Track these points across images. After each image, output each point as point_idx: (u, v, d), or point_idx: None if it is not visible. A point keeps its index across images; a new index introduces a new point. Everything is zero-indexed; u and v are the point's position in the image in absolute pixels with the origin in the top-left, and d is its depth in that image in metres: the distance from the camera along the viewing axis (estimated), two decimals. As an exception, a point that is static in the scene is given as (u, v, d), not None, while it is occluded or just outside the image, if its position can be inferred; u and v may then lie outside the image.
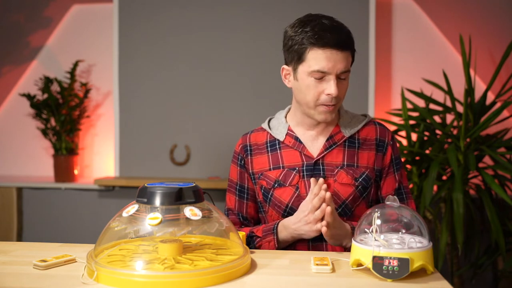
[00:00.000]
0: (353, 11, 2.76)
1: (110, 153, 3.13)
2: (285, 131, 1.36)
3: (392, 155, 1.35)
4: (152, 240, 1.07)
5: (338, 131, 1.34)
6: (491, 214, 2.09)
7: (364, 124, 1.36)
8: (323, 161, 1.31)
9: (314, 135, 1.34)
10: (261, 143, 1.39)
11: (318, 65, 1.20)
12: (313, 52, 1.21)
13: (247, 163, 1.39)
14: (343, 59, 1.21)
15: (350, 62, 1.24)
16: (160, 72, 2.93)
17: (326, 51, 1.19)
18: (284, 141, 1.35)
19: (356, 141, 1.34)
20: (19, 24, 2.90)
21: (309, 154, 1.32)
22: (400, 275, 0.90)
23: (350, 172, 1.29)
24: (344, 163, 1.31)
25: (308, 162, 1.31)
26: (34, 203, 3.03)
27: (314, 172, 1.30)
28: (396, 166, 1.35)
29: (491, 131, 2.60)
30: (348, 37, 1.22)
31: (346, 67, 1.22)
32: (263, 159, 1.36)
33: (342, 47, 1.20)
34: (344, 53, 1.21)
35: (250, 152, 1.39)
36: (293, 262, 1.05)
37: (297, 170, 1.31)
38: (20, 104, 3.18)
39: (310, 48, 1.21)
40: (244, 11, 2.87)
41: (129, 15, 2.94)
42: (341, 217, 1.27)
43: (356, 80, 2.75)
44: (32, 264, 0.99)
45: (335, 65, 1.20)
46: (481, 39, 2.59)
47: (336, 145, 1.32)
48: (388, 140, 1.35)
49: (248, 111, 2.86)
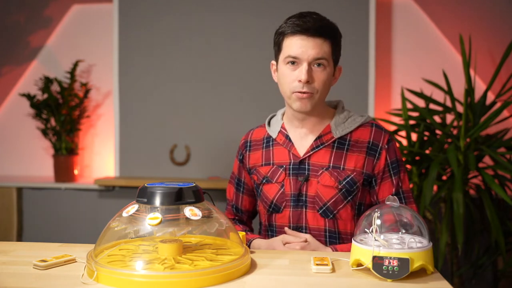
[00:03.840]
0: (353, 11, 2.76)
1: (110, 153, 3.13)
2: (278, 128, 1.39)
3: (388, 160, 1.31)
4: (152, 240, 1.07)
5: (328, 131, 1.33)
6: (491, 214, 2.09)
7: (359, 126, 1.33)
8: (309, 161, 1.31)
9: (303, 134, 1.34)
10: (259, 139, 1.43)
11: (290, 51, 1.23)
12: (286, 39, 1.25)
13: (245, 158, 1.44)
14: (315, 46, 1.21)
15: (327, 51, 1.23)
16: (160, 72, 2.93)
17: (296, 37, 1.23)
18: (276, 138, 1.38)
19: (346, 143, 1.32)
20: (19, 24, 2.90)
21: (296, 153, 1.33)
22: (400, 275, 0.90)
23: (334, 174, 1.28)
24: (330, 165, 1.30)
25: (294, 161, 1.33)
26: (34, 203, 3.02)
27: (299, 171, 1.32)
28: (393, 170, 1.32)
29: (491, 131, 2.60)
30: (324, 25, 1.23)
31: (319, 54, 1.22)
32: (258, 155, 1.40)
33: (313, 33, 1.21)
34: (316, 40, 1.21)
35: (249, 148, 1.44)
36: (293, 262, 1.05)
37: (284, 167, 1.33)
38: (20, 104, 3.18)
39: (285, 36, 1.25)
40: (244, 11, 2.87)
41: (129, 15, 2.94)
42: (323, 218, 1.30)
43: (356, 80, 2.75)
44: (32, 264, 0.99)
45: (306, 51, 1.21)
46: (481, 39, 2.59)
47: (323, 145, 1.32)
48: (383, 144, 1.31)
49: (248, 111, 2.86)
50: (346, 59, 2.40)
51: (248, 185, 1.46)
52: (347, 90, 2.73)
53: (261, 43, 2.84)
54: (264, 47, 2.84)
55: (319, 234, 1.30)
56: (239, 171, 1.47)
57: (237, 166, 1.47)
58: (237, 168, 1.47)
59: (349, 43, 2.79)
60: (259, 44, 2.85)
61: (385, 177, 1.32)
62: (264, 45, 2.84)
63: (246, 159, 1.43)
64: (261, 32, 2.85)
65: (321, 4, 2.76)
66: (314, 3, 2.73)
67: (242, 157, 1.45)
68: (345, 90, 2.69)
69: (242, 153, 1.45)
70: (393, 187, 1.32)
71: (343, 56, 1.38)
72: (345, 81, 2.63)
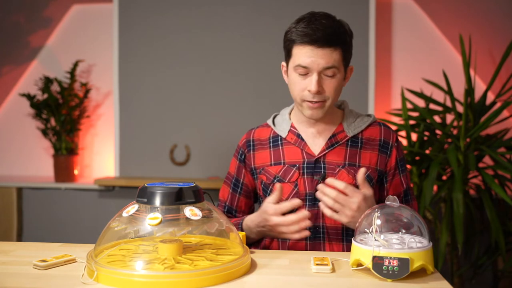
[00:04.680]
0: (353, 11, 2.76)
1: (110, 153, 3.13)
2: (288, 127, 1.37)
3: (397, 158, 1.34)
4: (152, 240, 1.07)
5: (341, 130, 1.33)
6: (491, 214, 2.09)
7: (369, 124, 1.35)
8: (324, 160, 1.31)
9: (315, 133, 1.34)
10: (264, 138, 1.40)
11: (299, 60, 1.22)
12: (296, 48, 1.23)
13: (248, 158, 1.40)
14: (324, 56, 1.20)
15: (338, 59, 1.22)
16: (160, 72, 2.93)
17: (306, 47, 1.21)
18: (286, 137, 1.36)
19: (359, 141, 1.33)
20: (19, 24, 2.90)
21: (310, 151, 1.32)
22: (400, 275, 0.90)
23: (351, 172, 1.29)
24: (345, 163, 1.30)
25: (309, 160, 1.31)
26: (34, 203, 3.02)
27: (315, 170, 1.30)
28: (401, 168, 1.35)
29: (491, 131, 2.60)
30: (333, 33, 1.20)
31: (329, 63, 1.20)
32: (265, 154, 1.37)
33: (322, 44, 1.19)
34: (326, 50, 1.20)
35: (253, 147, 1.40)
36: (293, 262, 1.05)
37: (297, 167, 1.31)
38: (20, 104, 3.18)
39: (294, 44, 1.23)
40: (244, 11, 2.87)
41: (129, 15, 2.94)
42: None
43: (356, 80, 2.75)
44: (32, 264, 0.99)
45: (316, 61, 1.20)
46: (481, 39, 2.59)
47: (338, 144, 1.32)
48: (393, 142, 1.34)
49: (248, 111, 2.86)
50: (346, 59, 2.40)
51: (247, 186, 1.42)
52: (347, 90, 2.71)
53: (262, 43, 2.84)
54: (265, 47, 2.85)
55: (336, 232, 1.29)
56: (238, 171, 1.42)
57: (236, 166, 1.43)
58: (236, 168, 1.43)
59: (349, 43, 2.80)
60: (260, 44, 2.85)
61: (396, 174, 1.34)
62: (265, 45, 2.84)
63: (250, 159, 1.40)
64: (262, 32, 2.85)
65: (321, 3, 2.77)
66: (314, 2, 2.74)
67: (243, 157, 1.41)
68: (345, 90, 2.68)
69: (244, 153, 1.41)
70: (402, 184, 1.35)
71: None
72: (345, 81, 2.64)
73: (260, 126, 1.45)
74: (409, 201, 1.36)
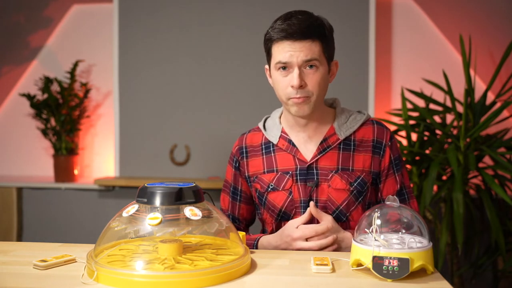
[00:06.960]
0: (353, 11, 2.75)
1: (110, 153, 3.13)
2: (278, 133, 1.34)
3: (391, 157, 1.31)
4: (152, 240, 1.07)
5: (332, 133, 1.30)
6: (491, 214, 2.09)
7: (361, 124, 1.32)
8: (316, 165, 1.28)
9: (307, 137, 1.31)
10: (257, 145, 1.37)
11: (279, 57, 1.22)
12: (274, 46, 1.23)
13: (242, 166, 1.38)
14: (303, 48, 1.19)
15: (317, 51, 1.20)
16: (160, 72, 2.93)
17: (284, 43, 1.20)
18: (277, 144, 1.33)
19: (351, 143, 1.30)
20: (19, 24, 2.90)
21: (303, 158, 1.29)
22: (400, 275, 0.90)
23: (344, 177, 1.26)
24: (338, 167, 1.27)
25: (301, 166, 1.29)
26: (34, 203, 3.02)
27: (307, 177, 1.28)
28: (396, 167, 1.32)
29: (491, 131, 2.60)
30: (310, 26, 1.19)
31: (308, 55, 1.19)
32: (258, 162, 1.35)
33: (299, 37, 1.18)
34: (303, 42, 1.19)
35: (246, 154, 1.38)
36: (293, 262, 1.05)
37: (290, 174, 1.29)
38: (20, 104, 3.18)
39: (273, 42, 1.24)
40: (244, 10, 2.87)
41: (129, 15, 2.94)
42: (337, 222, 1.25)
43: (356, 80, 2.75)
44: (32, 264, 0.99)
45: (294, 54, 1.19)
46: (481, 39, 2.60)
47: (330, 148, 1.29)
48: (386, 142, 1.31)
49: (248, 111, 2.86)
50: (346, 59, 2.40)
51: (246, 193, 1.39)
52: (347, 90, 2.73)
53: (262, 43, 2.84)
54: (264, 47, 2.84)
55: None
56: (234, 178, 1.40)
57: (232, 173, 1.40)
58: (232, 176, 1.40)
59: (349, 43, 2.80)
60: (260, 44, 2.84)
61: (390, 174, 1.31)
62: (264, 45, 2.84)
63: (244, 167, 1.37)
64: (262, 32, 2.84)
65: (321, 3, 2.77)
66: (314, 2, 2.74)
67: (238, 164, 1.38)
68: (345, 90, 2.69)
69: (238, 160, 1.38)
70: (396, 183, 1.32)
71: (343, 56, 1.38)
72: (345, 81, 2.64)
73: (252, 131, 1.42)
74: (406, 201, 1.33)
